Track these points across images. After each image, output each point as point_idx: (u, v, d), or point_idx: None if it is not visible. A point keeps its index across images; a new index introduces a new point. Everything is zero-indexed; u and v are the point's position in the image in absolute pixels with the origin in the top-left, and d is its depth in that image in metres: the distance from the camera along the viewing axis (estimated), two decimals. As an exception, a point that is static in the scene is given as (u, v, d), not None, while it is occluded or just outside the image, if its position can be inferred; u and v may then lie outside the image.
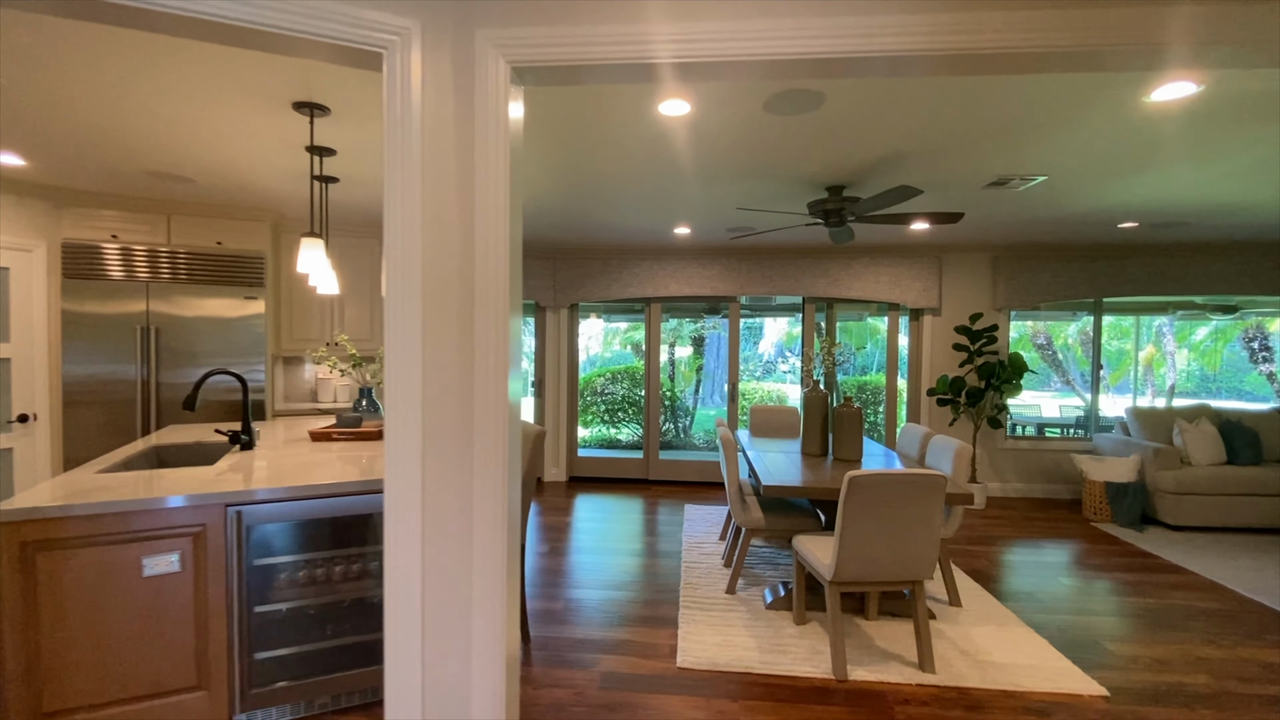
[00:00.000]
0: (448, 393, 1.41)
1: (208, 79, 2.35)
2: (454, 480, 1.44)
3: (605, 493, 5.79)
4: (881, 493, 2.53)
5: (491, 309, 1.43)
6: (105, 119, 2.76)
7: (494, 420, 1.42)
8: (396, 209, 1.37)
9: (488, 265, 1.41)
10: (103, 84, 2.40)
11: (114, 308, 4.08)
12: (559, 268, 6.06)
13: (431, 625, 1.53)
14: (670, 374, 9.30)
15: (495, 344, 1.42)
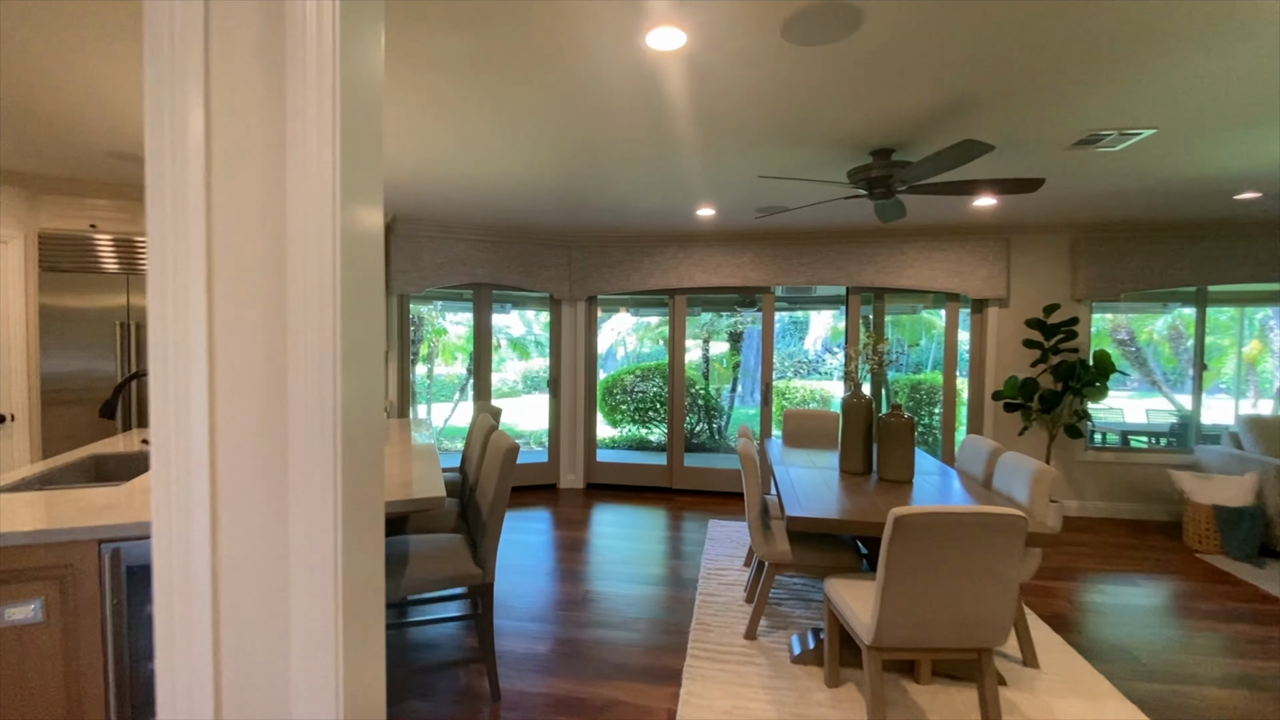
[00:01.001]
0: (248, 414, 0.94)
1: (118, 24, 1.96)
2: (263, 533, 0.96)
3: (625, 502, 5.29)
4: (939, 536, 1.94)
5: (314, 304, 0.94)
6: (50, 93, 2.43)
7: (317, 447, 0.94)
8: (165, 159, 0.90)
9: (306, 245, 0.93)
10: (40, 52, 2.05)
11: (93, 301, 3.84)
12: (574, 257, 5.59)
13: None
14: (704, 371, 8.74)
15: (317, 349, 0.93)
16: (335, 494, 0.96)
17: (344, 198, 0.94)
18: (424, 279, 5.07)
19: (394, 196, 4.26)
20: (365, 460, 1.04)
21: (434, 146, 3.16)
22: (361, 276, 1.01)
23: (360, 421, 1.02)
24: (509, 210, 4.58)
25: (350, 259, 0.97)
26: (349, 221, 0.97)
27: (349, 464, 0.98)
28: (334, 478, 0.96)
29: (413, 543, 2.47)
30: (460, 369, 9.24)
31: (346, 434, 0.97)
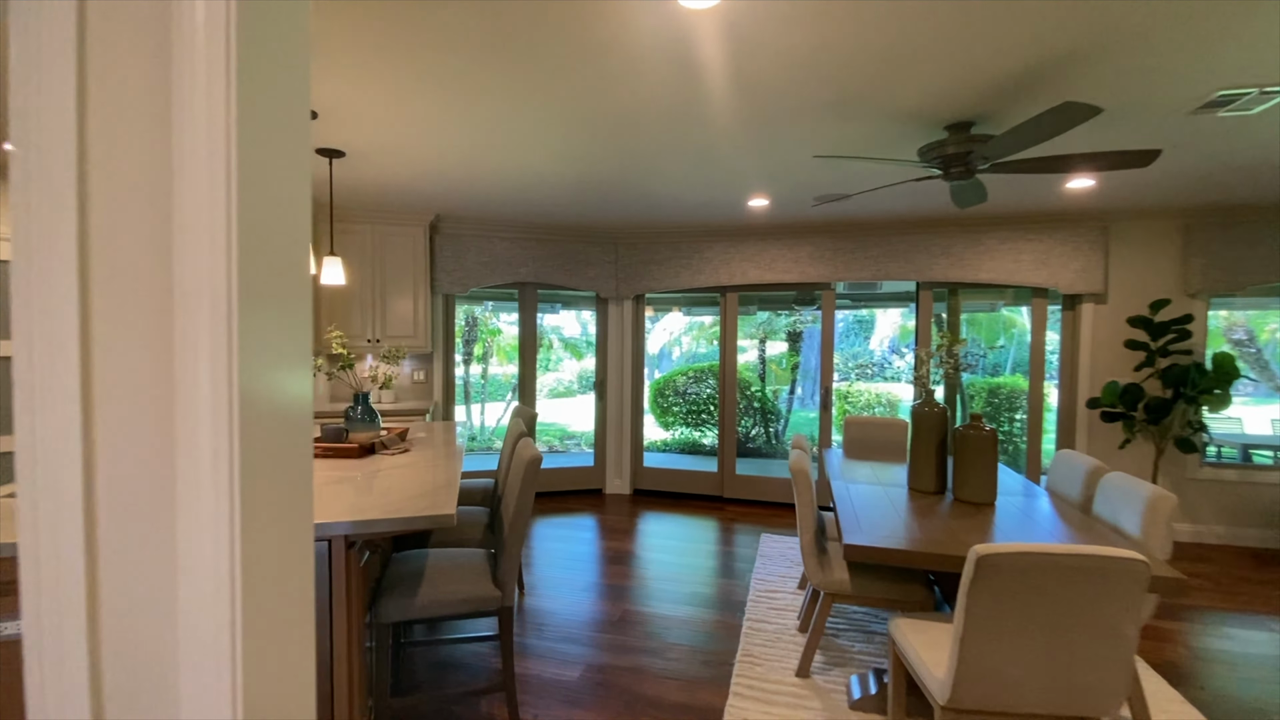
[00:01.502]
0: (130, 417, 0.74)
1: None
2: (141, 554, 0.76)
3: (672, 510, 5.03)
4: (1034, 580, 1.58)
5: (205, 299, 0.73)
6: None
7: (207, 451, 0.73)
8: (32, 129, 0.71)
9: (196, 233, 0.72)
10: None
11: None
12: (621, 254, 5.37)
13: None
14: (760, 373, 8.36)
15: (209, 351, 0.72)
16: (231, 506, 0.75)
17: (243, 183, 0.73)
18: (468, 279, 4.97)
19: (436, 195, 4.16)
20: (281, 465, 0.83)
21: (472, 141, 3.00)
22: (270, 266, 0.80)
23: (272, 424, 0.81)
24: (551, 206, 4.41)
25: (254, 247, 0.76)
26: (249, 206, 0.76)
27: (253, 471, 0.77)
28: (230, 484, 0.75)
29: (431, 558, 2.30)
30: (514, 369, 9.24)
31: (249, 437, 0.75)
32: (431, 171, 3.60)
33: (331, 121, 2.80)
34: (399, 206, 4.48)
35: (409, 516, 1.80)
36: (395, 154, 3.27)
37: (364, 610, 1.98)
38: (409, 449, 2.81)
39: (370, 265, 4.58)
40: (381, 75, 2.31)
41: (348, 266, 4.53)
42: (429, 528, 1.83)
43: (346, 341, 2.86)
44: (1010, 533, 2.24)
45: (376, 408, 4.45)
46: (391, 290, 4.63)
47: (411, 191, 4.07)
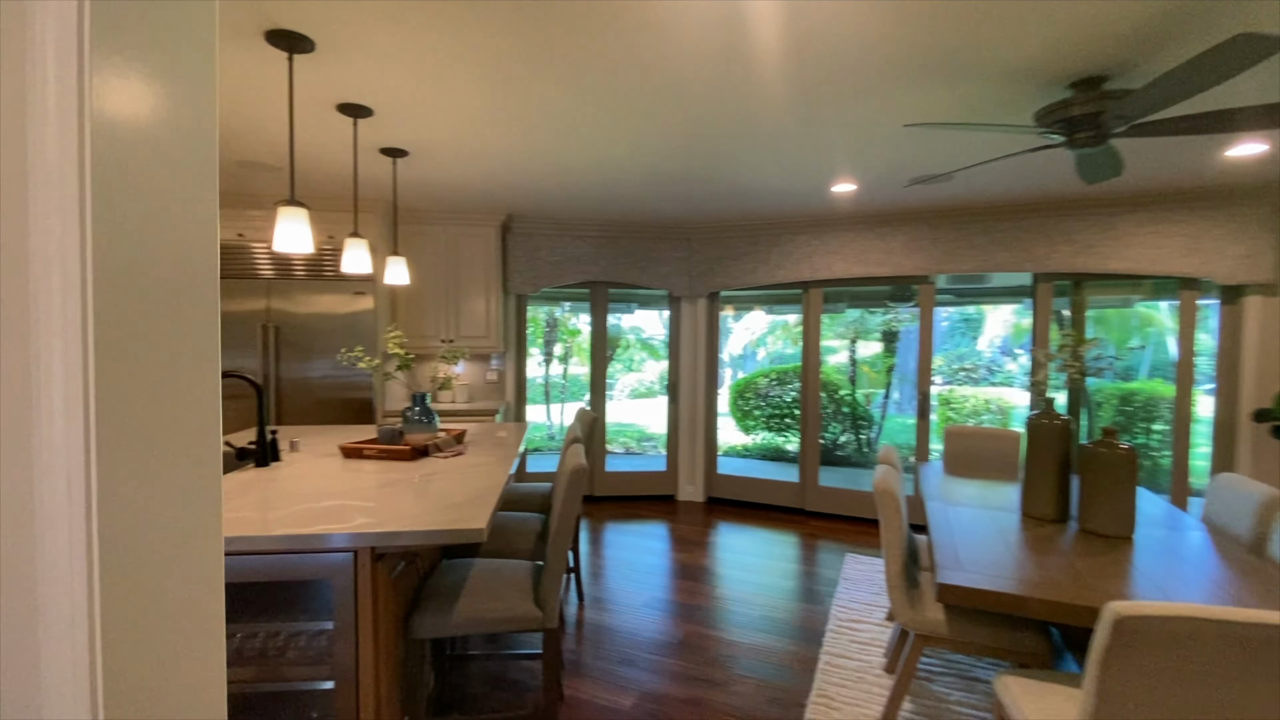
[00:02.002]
0: None
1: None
2: None
3: (748, 521, 4.72)
4: (1196, 652, 1.20)
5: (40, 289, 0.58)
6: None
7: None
8: None
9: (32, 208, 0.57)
10: None
11: (240, 306, 4.13)
12: (695, 250, 5.12)
13: None
14: (850, 375, 7.81)
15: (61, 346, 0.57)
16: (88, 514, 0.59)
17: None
18: (539, 278, 4.91)
19: (507, 194, 4.11)
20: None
21: (539, 135, 2.88)
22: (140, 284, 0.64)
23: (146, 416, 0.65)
24: (622, 201, 4.24)
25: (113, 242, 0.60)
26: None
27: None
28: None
29: (475, 569, 2.18)
30: (592, 369, 9.20)
31: (102, 433, 0.60)
32: (500, 170, 3.53)
33: (389, 119, 2.76)
34: (470, 206, 4.48)
35: (433, 530, 1.66)
36: (460, 152, 3.22)
37: (396, 623, 1.88)
38: (463, 452, 2.72)
39: (443, 266, 4.62)
40: (437, 68, 2.22)
41: (420, 267, 4.60)
42: (454, 543, 1.68)
43: (406, 342, 2.83)
44: (1156, 580, 1.80)
45: (450, 408, 4.48)
46: (464, 291, 4.65)
47: (482, 191, 4.03)
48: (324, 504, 1.88)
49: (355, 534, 1.63)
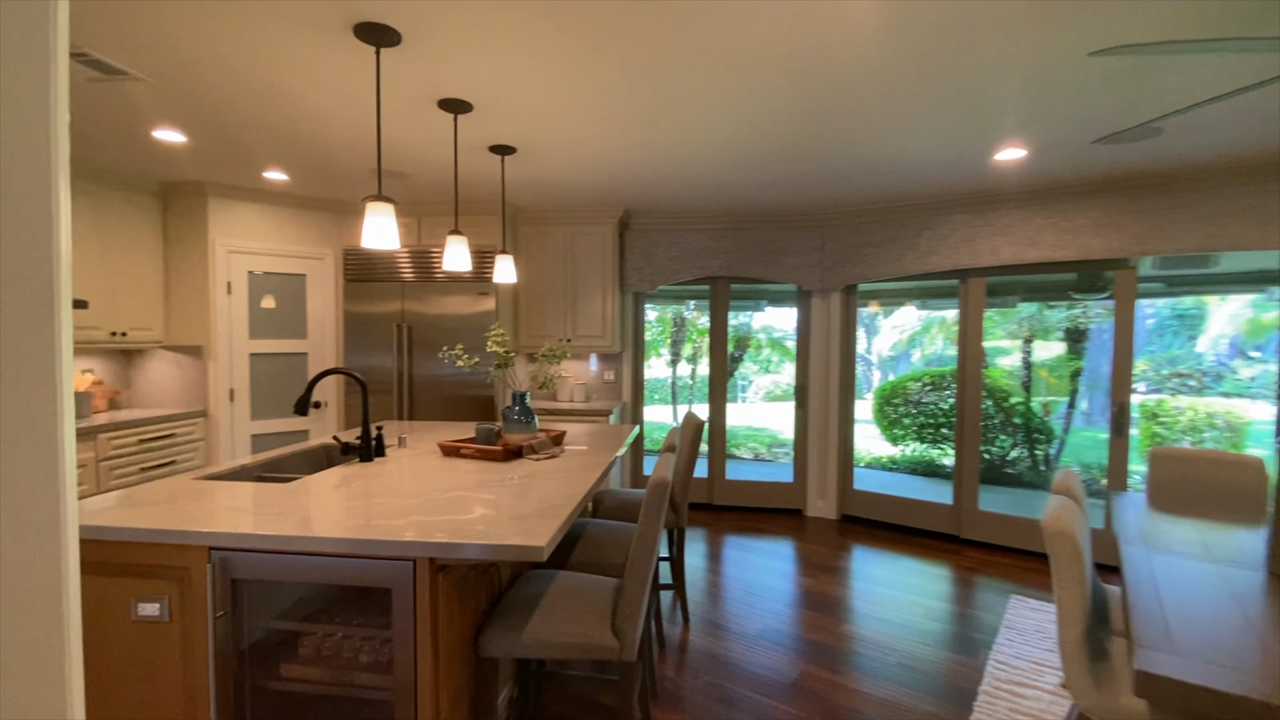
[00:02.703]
0: None
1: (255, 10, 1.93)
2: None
3: (889, 545, 4.15)
4: None
5: None
6: (316, 123, 2.69)
7: None
8: None
9: None
10: (310, 92, 2.23)
11: (379, 307, 4.42)
12: (828, 238, 4.62)
13: None
14: (1024, 381, 6.71)
15: None
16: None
17: None
18: (656, 275, 4.73)
19: (622, 189, 3.98)
20: None
21: (651, 120, 2.70)
22: None
23: None
24: (745, 189, 3.92)
25: None
26: None
27: None
28: None
29: (557, 583, 2.01)
30: (721, 370, 8.87)
31: None
32: (613, 163, 3.39)
33: (493, 115, 2.71)
34: (586, 204, 4.41)
35: (488, 544, 1.51)
36: (570, 146, 3.12)
37: (464, 637, 1.76)
38: (557, 454, 2.59)
39: (562, 266, 4.61)
40: (536, 56, 2.11)
41: (540, 267, 4.62)
42: (511, 559, 1.52)
43: (506, 340, 2.77)
44: None
45: (568, 407, 4.45)
46: (582, 290, 4.60)
47: (596, 187, 3.93)
48: (400, 505, 1.81)
49: (412, 543, 1.53)
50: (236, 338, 4.08)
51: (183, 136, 3.03)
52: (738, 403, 9.24)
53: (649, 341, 8.05)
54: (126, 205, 3.77)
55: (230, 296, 4.05)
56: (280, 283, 4.26)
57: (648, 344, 7.98)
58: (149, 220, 3.91)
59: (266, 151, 3.26)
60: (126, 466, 3.49)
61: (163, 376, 4.10)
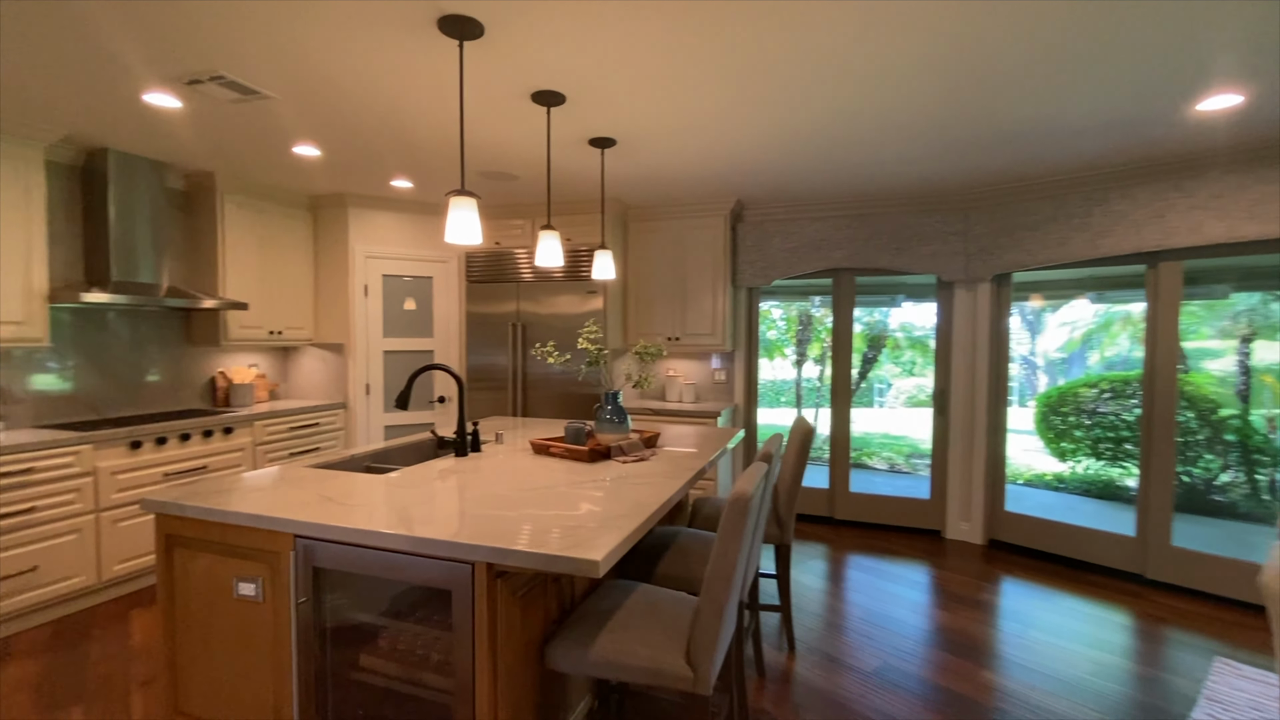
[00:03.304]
0: None
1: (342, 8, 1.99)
2: None
3: (1051, 581, 3.51)
4: None
5: None
6: (432, 130, 2.82)
7: None
8: None
9: None
10: (431, 100, 2.35)
11: (496, 307, 4.57)
12: (973, 221, 4.03)
13: None
14: (1241, 389, 5.46)
15: None
16: None
17: None
18: (771, 269, 4.43)
19: (734, 179, 3.76)
20: None
21: (766, 104, 2.49)
22: None
23: None
24: (870, 169, 3.52)
25: None
26: None
27: None
28: None
29: (634, 597, 1.86)
30: (854, 370, 8.24)
31: None
32: (722, 150, 3.20)
33: (587, 106, 2.63)
34: (696, 197, 4.23)
35: (541, 554, 1.39)
36: (674, 135, 2.97)
37: (528, 646, 1.67)
38: (646, 458, 2.45)
39: (671, 262, 4.47)
40: (629, 40, 1.99)
41: (649, 264, 4.51)
42: (563, 572, 1.39)
43: (600, 337, 2.68)
44: None
45: (676, 407, 4.30)
46: (691, 287, 4.42)
47: (706, 178, 3.74)
48: (475, 504, 1.77)
49: (466, 545, 1.46)
50: (372, 336, 4.42)
51: (317, 150, 3.29)
52: (873, 407, 8.53)
53: (773, 341, 7.67)
54: (284, 218, 4.22)
55: (367, 298, 4.39)
56: (410, 285, 4.56)
57: (771, 343, 7.59)
58: (302, 230, 4.35)
59: (389, 159, 3.46)
60: (278, 450, 3.90)
61: (312, 371, 4.55)
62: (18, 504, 2.69)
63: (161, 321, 3.81)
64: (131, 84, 2.45)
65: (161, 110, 2.72)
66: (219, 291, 3.82)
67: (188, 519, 1.81)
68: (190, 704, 1.87)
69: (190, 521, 1.81)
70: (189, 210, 3.90)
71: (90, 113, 2.76)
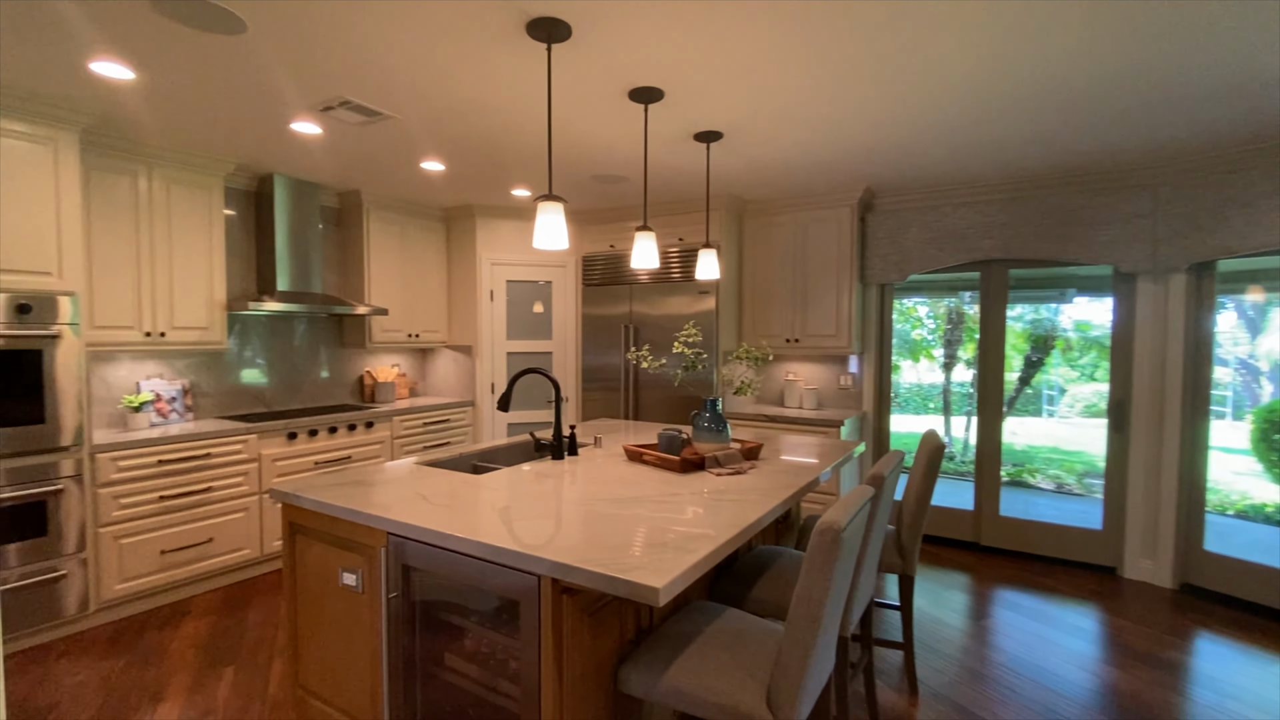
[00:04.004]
0: None
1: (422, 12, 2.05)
2: None
3: (1259, 640, 2.80)
4: None
5: None
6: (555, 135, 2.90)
7: None
8: None
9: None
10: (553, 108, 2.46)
11: (610, 309, 4.59)
12: (1163, 199, 3.32)
13: None
14: None
15: None
16: None
17: None
18: (906, 263, 4.00)
19: (861, 165, 3.44)
20: None
21: (899, 75, 2.24)
22: None
23: None
24: (1026, 142, 3.04)
25: None
26: None
27: None
28: None
29: (719, 622, 1.72)
30: (1015, 375, 7.26)
31: None
32: (845, 134, 2.93)
33: (688, 99, 2.52)
34: (817, 187, 3.93)
35: (601, 574, 1.31)
36: (786, 121, 2.77)
37: (599, 666, 1.59)
38: (743, 471, 2.27)
39: (790, 258, 4.20)
40: (729, 20, 1.87)
41: (767, 262, 4.28)
42: (626, 595, 1.29)
43: (699, 341, 2.55)
44: None
45: (796, 414, 4.04)
46: (813, 284, 4.13)
47: (828, 165, 3.46)
48: (553, 512, 1.73)
49: (531, 557, 1.41)
50: (496, 338, 4.64)
51: (441, 165, 3.50)
52: (1041, 416, 7.49)
53: (918, 341, 7.00)
54: (421, 230, 4.57)
55: (492, 303, 4.62)
56: (531, 290, 4.72)
57: (917, 344, 6.92)
58: (437, 240, 4.69)
59: (504, 169, 3.59)
60: (412, 444, 4.22)
61: (446, 371, 4.88)
62: (199, 484, 3.14)
63: (320, 326, 4.29)
64: (282, 115, 2.75)
65: (306, 137, 3.03)
66: (365, 298, 4.22)
67: (304, 509, 1.96)
68: (308, 680, 2.03)
69: (306, 512, 1.96)
70: (341, 225, 4.35)
71: (254, 143, 3.14)
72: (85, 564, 2.75)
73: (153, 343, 3.18)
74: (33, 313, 2.58)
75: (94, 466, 2.79)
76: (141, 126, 2.88)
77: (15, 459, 2.55)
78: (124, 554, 2.88)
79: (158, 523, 2.99)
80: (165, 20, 1.93)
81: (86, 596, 2.76)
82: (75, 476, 2.71)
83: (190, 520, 3.11)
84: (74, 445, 2.71)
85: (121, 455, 2.86)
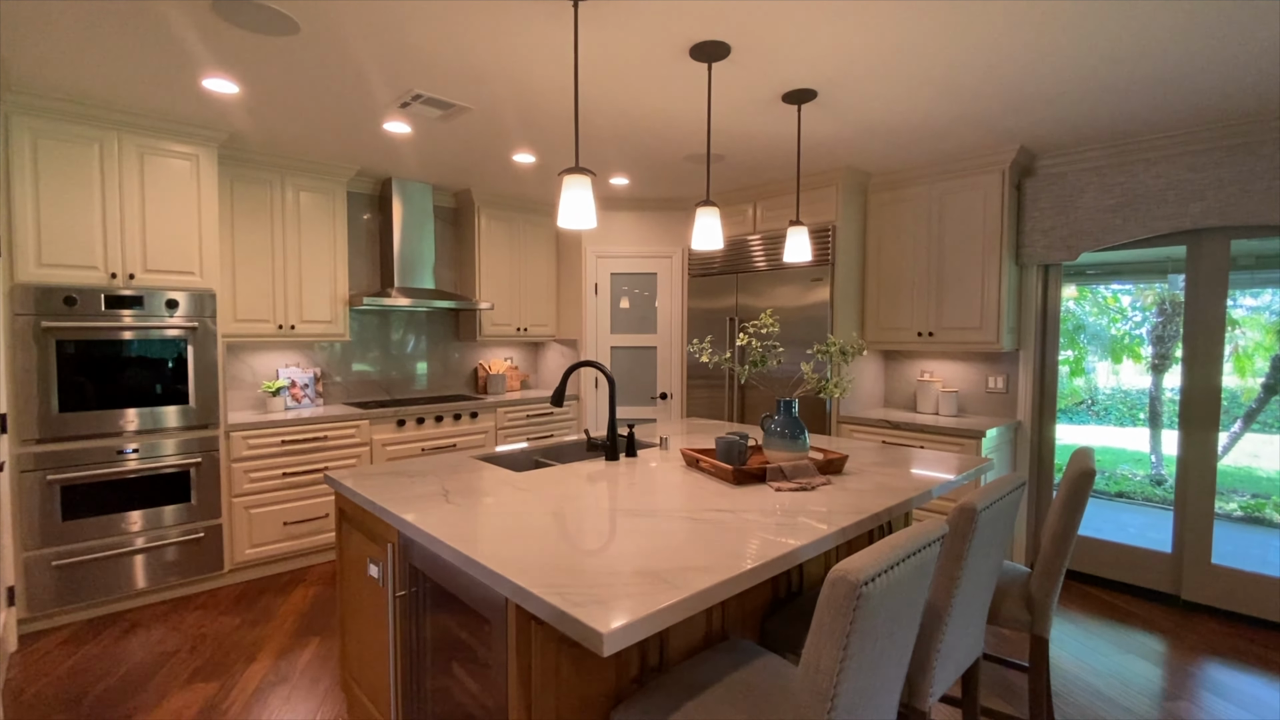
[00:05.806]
0: None
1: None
2: None
3: None
4: None
5: None
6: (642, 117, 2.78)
7: None
8: None
9: None
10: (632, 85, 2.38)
11: (715, 302, 4.29)
12: None
13: None
14: None
15: None
16: None
17: None
18: (1078, 238, 3.20)
19: (1016, 120, 2.81)
20: None
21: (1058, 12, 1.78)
22: None
23: None
24: (1247, 64, 2.24)
25: None
26: None
27: None
28: None
29: (748, 670, 1.42)
30: (1251, 379, 5.65)
31: None
32: (990, 79, 2.39)
33: (763, 53, 2.17)
34: (956, 150, 3.29)
35: (554, 607, 1.08)
36: (896, 64, 2.30)
37: (584, 708, 1.37)
38: (812, 487, 1.89)
39: (922, 237, 3.59)
40: None
41: (895, 244, 3.70)
42: (574, 635, 1.05)
43: (770, 331, 2.20)
44: None
45: (930, 421, 3.45)
46: (950, 267, 3.48)
47: (969, 121, 2.86)
48: (577, 516, 1.55)
49: (495, 574, 1.24)
50: (600, 332, 4.57)
51: (531, 156, 3.47)
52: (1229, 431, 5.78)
53: (1116, 339, 5.77)
54: (529, 225, 4.64)
55: (596, 296, 4.55)
56: (636, 282, 4.58)
57: (1116, 340, 5.72)
58: (545, 236, 4.73)
59: (600, 157, 3.46)
60: (516, 435, 4.29)
61: (556, 365, 4.92)
62: (317, 464, 3.43)
63: (436, 320, 4.53)
64: (372, 116, 2.87)
65: (400, 136, 3.15)
66: (476, 293, 4.37)
67: (345, 497, 1.98)
68: (349, 665, 2.06)
69: (347, 499, 1.98)
70: (455, 223, 4.55)
71: (358, 146, 3.34)
72: (221, 529, 3.12)
73: (284, 335, 3.53)
74: (179, 308, 2.97)
75: (228, 444, 3.15)
76: (262, 138, 3.19)
77: (164, 435, 2.96)
78: (253, 522, 3.23)
79: (281, 496, 3.32)
80: (234, 28, 2.04)
81: (222, 557, 3.13)
82: (213, 452, 3.09)
83: (310, 496, 3.42)
84: (212, 424, 3.08)
85: (251, 435, 3.21)
